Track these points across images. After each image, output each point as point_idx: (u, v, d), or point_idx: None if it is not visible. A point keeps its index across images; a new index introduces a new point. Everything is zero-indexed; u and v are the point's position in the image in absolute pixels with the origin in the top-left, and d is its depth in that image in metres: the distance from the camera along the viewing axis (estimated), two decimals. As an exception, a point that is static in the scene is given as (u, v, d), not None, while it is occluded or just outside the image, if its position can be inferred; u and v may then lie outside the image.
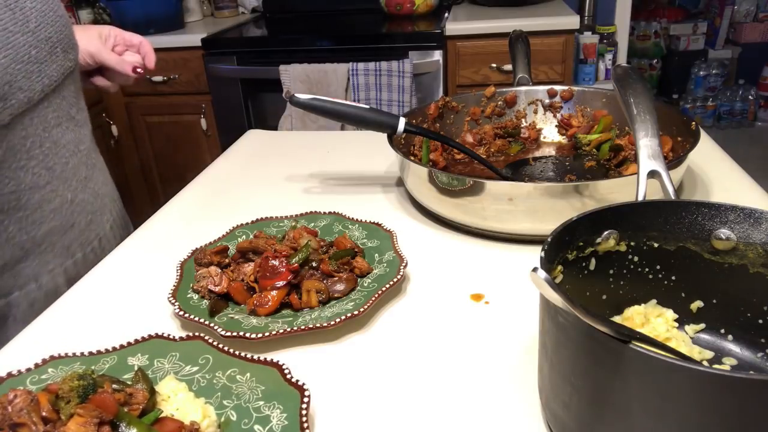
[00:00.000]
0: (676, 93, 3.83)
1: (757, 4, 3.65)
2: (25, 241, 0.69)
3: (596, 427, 0.41)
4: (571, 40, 2.16)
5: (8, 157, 0.67)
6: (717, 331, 0.54)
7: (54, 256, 0.73)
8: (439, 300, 0.67)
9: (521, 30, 1.10)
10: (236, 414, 0.50)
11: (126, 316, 0.68)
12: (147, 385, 0.49)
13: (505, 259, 0.74)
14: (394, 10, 2.39)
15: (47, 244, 0.72)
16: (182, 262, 0.71)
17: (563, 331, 0.41)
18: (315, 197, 0.94)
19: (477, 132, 1.02)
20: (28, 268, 0.71)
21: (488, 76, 2.19)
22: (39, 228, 0.71)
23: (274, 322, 0.61)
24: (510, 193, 0.72)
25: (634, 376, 0.37)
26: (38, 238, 0.71)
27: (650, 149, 0.61)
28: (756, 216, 0.49)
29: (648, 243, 0.53)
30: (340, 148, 1.14)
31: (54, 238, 0.73)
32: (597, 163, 0.93)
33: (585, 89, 1.03)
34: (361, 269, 0.68)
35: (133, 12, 2.35)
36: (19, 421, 0.45)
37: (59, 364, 0.55)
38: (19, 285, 0.71)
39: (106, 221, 0.85)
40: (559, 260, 0.50)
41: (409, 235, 0.80)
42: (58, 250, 0.74)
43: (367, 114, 0.86)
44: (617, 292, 0.55)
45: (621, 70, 0.71)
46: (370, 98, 2.12)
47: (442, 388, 0.54)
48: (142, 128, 2.49)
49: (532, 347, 0.56)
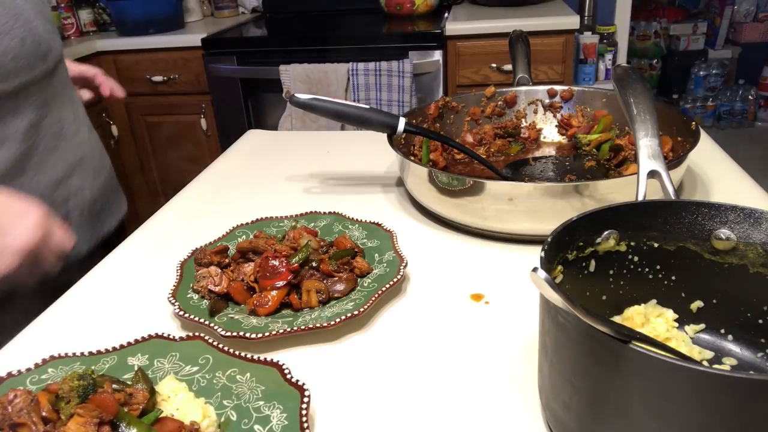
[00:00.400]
0: (676, 93, 3.83)
1: (757, 4, 3.65)
2: (70, 162, 0.94)
3: (596, 427, 0.41)
4: (571, 40, 2.16)
5: (56, 96, 0.92)
6: (717, 331, 0.54)
7: (87, 175, 0.98)
8: (439, 300, 0.67)
9: (521, 30, 1.10)
10: (236, 414, 0.50)
11: (126, 316, 0.68)
12: (147, 385, 0.49)
13: (505, 259, 0.74)
14: (394, 10, 2.39)
15: (82, 166, 0.97)
16: (182, 262, 0.71)
17: (563, 331, 0.41)
18: (315, 197, 0.94)
19: (477, 132, 1.02)
20: (74, 181, 0.95)
21: (488, 76, 2.19)
22: (75, 153, 0.95)
23: (274, 322, 0.61)
24: (510, 193, 0.72)
25: (634, 376, 0.37)
26: (76, 161, 0.96)
27: (650, 149, 0.61)
28: (756, 216, 0.49)
29: (648, 243, 0.53)
30: (340, 148, 1.14)
31: (86, 162, 0.98)
32: (597, 163, 0.93)
33: (585, 89, 1.03)
34: (361, 269, 0.68)
35: (133, 12, 2.35)
36: (19, 421, 0.45)
37: (59, 364, 0.55)
38: (71, 194, 0.94)
39: (107, 162, 1.08)
40: (559, 260, 0.50)
41: (409, 235, 0.80)
42: (88, 171, 0.98)
43: (367, 114, 0.86)
44: (617, 292, 0.55)
45: (621, 70, 0.71)
46: (370, 98, 2.12)
47: (442, 388, 0.54)
48: (142, 128, 2.49)
49: (532, 347, 0.56)
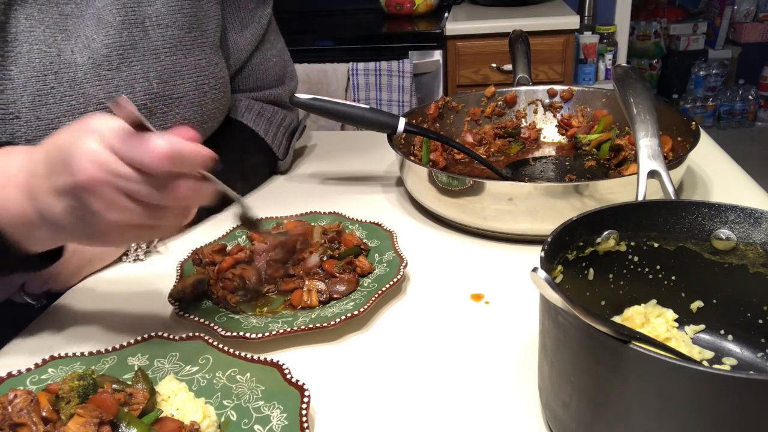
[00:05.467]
0: (676, 93, 3.82)
1: (757, 4, 3.64)
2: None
3: (596, 427, 0.41)
4: (571, 40, 2.17)
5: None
6: (717, 331, 0.54)
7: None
8: (439, 300, 0.67)
9: (521, 30, 1.10)
10: (236, 414, 0.50)
11: (126, 316, 0.68)
12: (147, 385, 0.49)
13: (505, 259, 0.74)
14: (394, 10, 2.39)
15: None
16: (182, 262, 0.71)
17: (563, 331, 0.41)
18: (315, 197, 0.94)
19: (477, 132, 1.02)
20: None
21: (488, 76, 2.19)
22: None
23: (274, 322, 0.61)
24: (510, 193, 0.72)
25: (634, 376, 0.37)
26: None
27: (650, 149, 0.61)
28: (756, 216, 0.49)
29: (648, 243, 0.53)
30: (340, 148, 1.14)
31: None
32: (597, 163, 0.93)
33: (585, 89, 1.03)
34: (362, 268, 0.68)
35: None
36: (19, 421, 0.45)
37: (59, 364, 0.55)
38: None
39: None
40: (559, 260, 0.50)
41: (409, 235, 0.79)
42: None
43: (367, 114, 0.86)
44: (617, 292, 0.55)
45: (621, 70, 0.71)
46: (370, 98, 2.12)
47: (442, 388, 0.54)
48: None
49: (532, 347, 0.56)
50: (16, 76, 0.68)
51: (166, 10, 0.78)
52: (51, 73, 0.70)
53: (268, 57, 0.99)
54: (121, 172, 0.47)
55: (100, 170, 0.47)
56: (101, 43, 0.73)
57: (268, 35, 0.99)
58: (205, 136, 0.87)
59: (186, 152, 0.48)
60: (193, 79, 0.81)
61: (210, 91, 0.84)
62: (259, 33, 0.96)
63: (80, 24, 0.72)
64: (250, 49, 0.95)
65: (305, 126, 1.07)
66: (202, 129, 0.85)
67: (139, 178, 0.47)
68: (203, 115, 0.84)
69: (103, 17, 0.73)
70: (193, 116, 0.83)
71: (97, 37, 0.73)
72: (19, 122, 0.68)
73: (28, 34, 0.69)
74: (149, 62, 0.76)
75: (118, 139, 0.47)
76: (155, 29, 0.77)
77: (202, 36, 0.83)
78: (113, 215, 0.49)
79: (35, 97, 0.68)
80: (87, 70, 0.72)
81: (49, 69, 0.69)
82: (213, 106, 0.86)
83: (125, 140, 0.47)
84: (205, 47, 0.84)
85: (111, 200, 0.48)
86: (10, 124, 0.68)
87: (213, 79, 0.85)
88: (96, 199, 0.48)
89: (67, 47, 0.71)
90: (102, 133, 0.48)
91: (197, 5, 0.82)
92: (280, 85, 1.03)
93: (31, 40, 0.69)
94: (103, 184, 0.47)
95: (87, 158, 0.47)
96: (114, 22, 0.74)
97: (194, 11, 0.82)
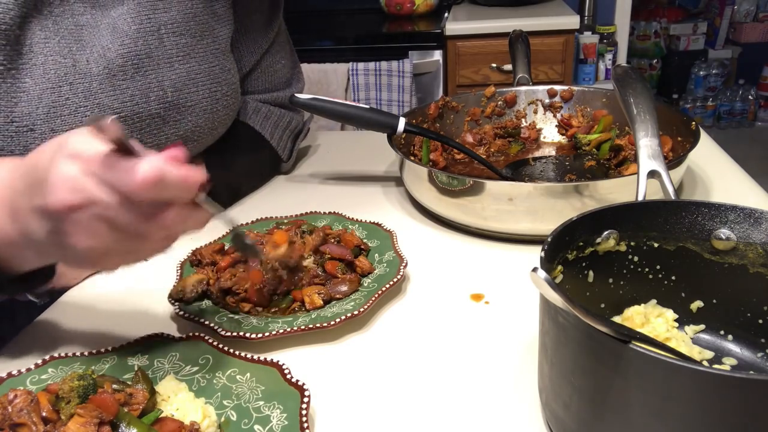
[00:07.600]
0: (676, 93, 3.82)
1: (757, 4, 3.64)
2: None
3: (596, 427, 0.41)
4: (571, 40, 2.17)
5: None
6: (717, 331, 0.54)
7: None
8: (439, 300, 0.67)
9: (521, 30, 1.10)
10: (236, 414, 0.50)
11: (126, 316, 0.68)
12: (147, 385, 0.49)
13: (505, 259, 0.74)
14: (394, 10, 2.39)
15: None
16: (182, 262, 0.71)
17: (563, 331, 0.41)
18: (315, 197, 0.94)
19: (477, 132, 1.02)
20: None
21: (488, 76, 2.19)
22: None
23: (274, 322, 0.61)
24: (510, 193, 0.72)
25: (634, 376, 0.37)
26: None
27: (650, 149, 0.61)
28: (756, 216, 0.49)
29: (648, 243, 0.53)
30: (340, 148, 1.14)
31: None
32: (597, 163, 0.93)
33: (585, 89, 1.03)
34: (363, 268, 0.68)
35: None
36: (19, 421, 0.45)
37: (59, 364, 0.55)
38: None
39: None
40: (559, 260, 0.50)
41: (409, 235, 0.79)
42: None
43: (367, 114, 0.86)
44: (617, 292, 0.55)
45: (621, 70, 0.71)
46: (370, 98, 2.12)
47: (442, 388, 0.54)
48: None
49: (532, 347, 0.56)
50: (31, 87, 0.67)
51: (181, 17, 0.78)
52: (66, 84, 0.69)
53: (277, 60, 0.99)
54: (97, 198, 0.45)
55: (75, 196, 0.44)
56: (116, 53, 0.72)
57: (278, 38, 1.00)
58: (214, 140, 0.87)
59: (172, 178, 0.44)
60: (207, 86, 0.81)
61: (222, 98, 0.83)
62: (270, 36, 0.97)
63: (95, 34, 0.72)
64: (260, 53, 0.95)
65: (309, 128, 1.07)
66: (211, 135, 0.85)
67: (117, 204, 0.45)
68: (214, 121, 0.84)
69: (119, 26, 0.73)
70: (204, 123, 0.82)
71: (113, 47, 0.72)
72: (33, 135, 0.67)
73: (43, 46, 0.68)
74: (163, 71, 0.76)
75: (98, 163, 0.45)
76: (170, 37, 0.76)
77: (215, 42, 0.83)
78: (87, 242, 0.46)
79: (50, 108, 0.68)
80: (102, 80, 0.71)
81: (64, 80, 0.69)
82: (224, 112, 0.85)
83: (107, 165, 0.45)
84: (218, 54, 0.83)
85: (85, 227, 0.46)
86: (24, 136, 0.67)
87: (226, 86, 0.84)
88: (69, 224, 0.46)
89: (82, 57, 0.70)
90: (82, 156, 0.45)
91: (211, 11, 0.82)
92: (287, 87, 1.03)
93: (46, 51, 0.68)
94: (77, 210, 0.45)
95: (61, 182, 0.45)
96: (129, 30, 0.73)
97: (207, 18, 0.81)
